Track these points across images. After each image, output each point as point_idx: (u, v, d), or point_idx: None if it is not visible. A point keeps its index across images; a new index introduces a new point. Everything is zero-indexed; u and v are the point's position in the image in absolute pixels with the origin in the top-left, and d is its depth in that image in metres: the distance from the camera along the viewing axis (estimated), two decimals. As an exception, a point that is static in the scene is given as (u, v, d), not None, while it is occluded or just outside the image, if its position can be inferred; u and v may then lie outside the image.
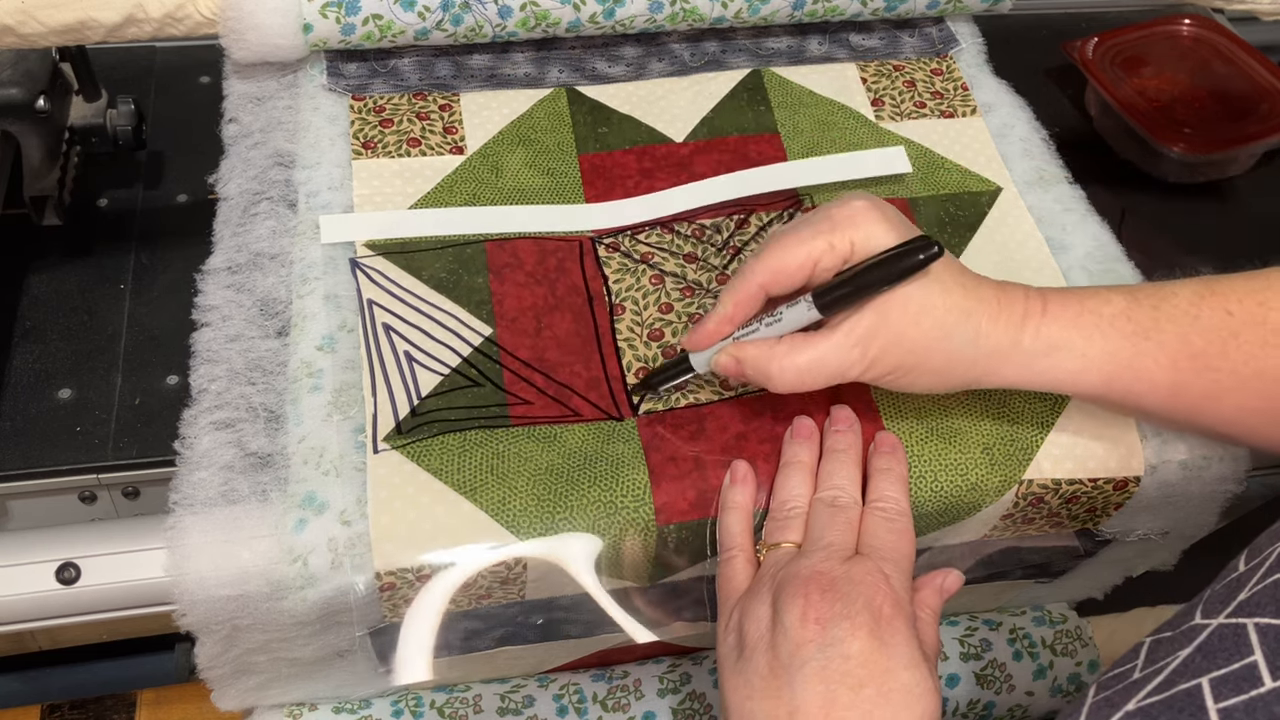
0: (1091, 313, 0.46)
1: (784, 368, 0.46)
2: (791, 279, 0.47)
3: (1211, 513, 0.57)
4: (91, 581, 0.48)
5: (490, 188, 0.60)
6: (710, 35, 0.68)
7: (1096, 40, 0.81)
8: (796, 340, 0.47)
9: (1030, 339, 0.46)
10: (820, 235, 0.46)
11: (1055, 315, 0.46)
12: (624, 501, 0.48)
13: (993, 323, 0.46)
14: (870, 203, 0.47)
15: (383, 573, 0.46)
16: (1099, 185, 0.65)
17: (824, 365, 0.46)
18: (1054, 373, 0.47)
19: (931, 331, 0.45)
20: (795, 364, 0.46)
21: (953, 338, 0.46)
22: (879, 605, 0.43)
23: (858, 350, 0.46)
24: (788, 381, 0.47)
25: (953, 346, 0.46)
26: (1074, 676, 0.67)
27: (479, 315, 0.54)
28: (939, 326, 0.45)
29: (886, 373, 0.47)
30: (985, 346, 0.46)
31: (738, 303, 0.48)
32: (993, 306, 0.46)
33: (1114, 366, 0.46)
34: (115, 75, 0.79)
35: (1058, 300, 0.47)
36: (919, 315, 0.45)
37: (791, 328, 0.47)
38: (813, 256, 0.46)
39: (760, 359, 0.47)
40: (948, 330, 0.46)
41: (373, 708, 0.60)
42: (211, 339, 0.52)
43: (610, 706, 0.62)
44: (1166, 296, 0.46)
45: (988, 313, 0.46)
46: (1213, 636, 0.31)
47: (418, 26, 0.60)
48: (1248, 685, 0.29)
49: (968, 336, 0.46)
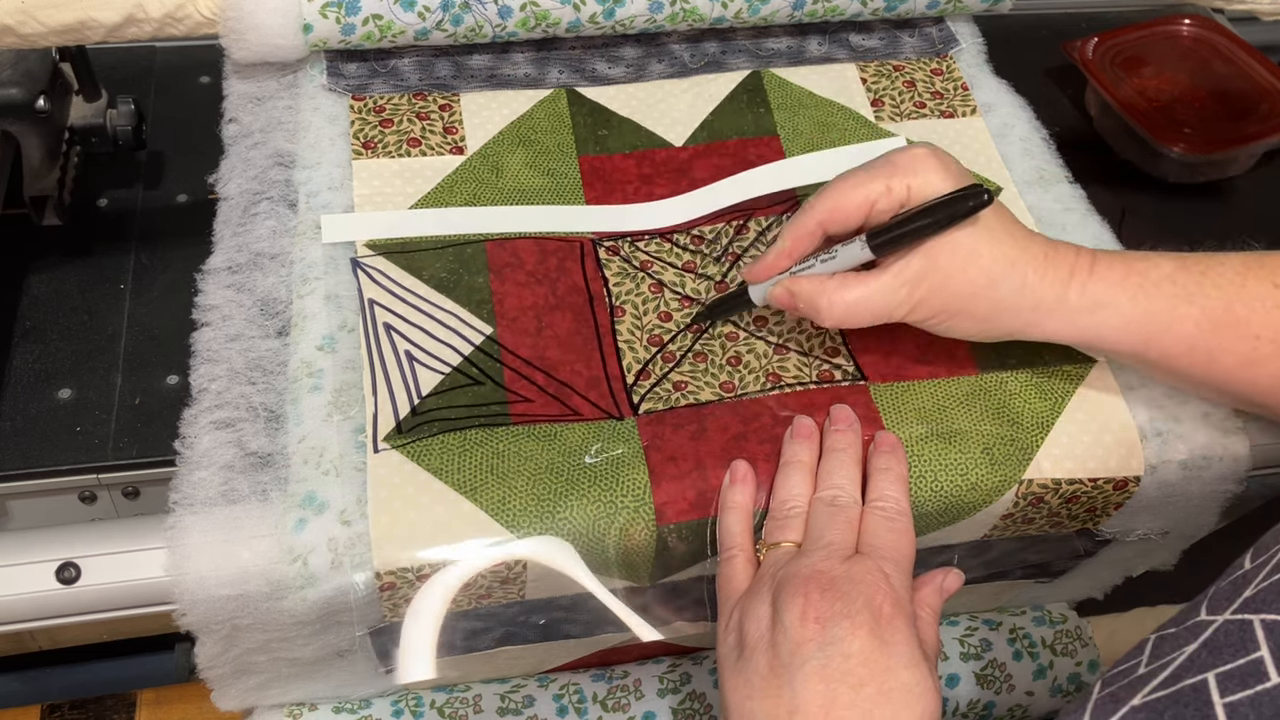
0: (1138, 274, 0.48)
1: (833, 302, 0.48)
2: (849, 219, 0.49)
3: (1211, 513, 0.57)
4: (91, 581, 0.48)
5: (490, 188, 0.60)
6: (710, 36, 0.68)
7: (1096, 40, 0.82)
8: (848, 278, 0.49)
9: (1076, 295, 0.47)
10: (879, 178, 0.48)
11: (1102, 274, 0.48)
12: (624, 501, 0.48)
13: (1040, 276, 0.47)
14: (931, 150, 0.49)
15: (383, 572, 0.46)
16: (1099, 185, 0.65)
17: (871, 303, 0.48)
18: (1097, 330, 0.48)
19: (977, 278, 0.47)
20: (844, 299, 0.48)
21: (998, 286, 0.47)
22: (879, 604, 0.43)
23: (905, 291, 0.48)
24: (836, 316, 0.49)
25: (998, 295, 0.47)
26: (1074, 676, 0.68)
27: (479, 314, 0.54)
28: (985, 274, 0.47)
29: (930, 315, 0.49)
30: (1031, 298, 0.48)
31: (796, 238, 0.50)
32: (1040, 260, 0.48)
33: (1154, 328, 0.47)
34: (115, 75, 0.79)
35: (1106, 260, 0.48)
36: (966, 262, 0.47)
37: (845, 266, 0.49)
38: (870, 198, 0.48)
39: (812, 293, 0.49)
40: (994, 278, 0.47)
41: (373, 708, 0.60)
42: (212, 339, 0.52)
43: (610, 706, 0.62)
44: (1214, 265, 0.48)
45: (1035, 265, 0.47)
46: (1218, 632, 0.32)
47: (418, 26, 0.60)
48: (1254, 680, 0.29)
49: (1014, 286, 0.47)
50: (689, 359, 0.54)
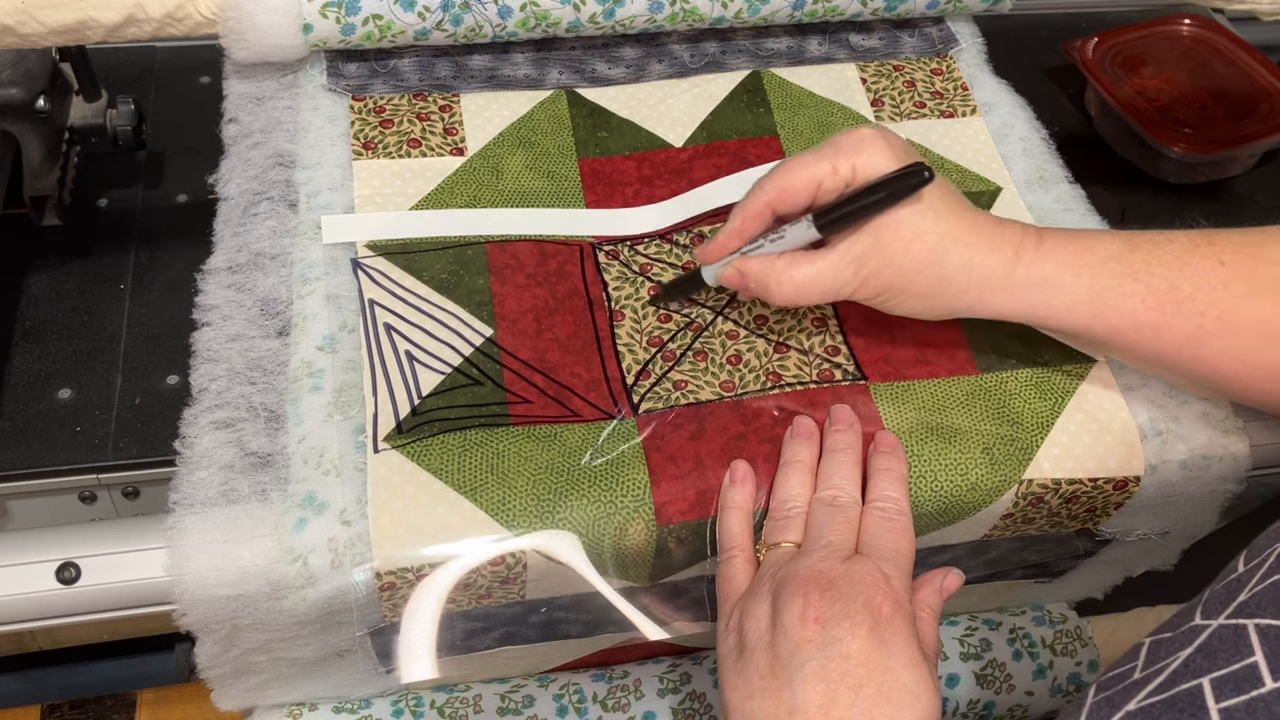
0: (1085, 251, 0.48)
1: (781, 281, 0.49)
2: (796, 198, 0.49)
3: (1211, 513, 0.57)
4: (91, 581, 0.48)
5: (491, 190, 0.60)
6: (710, 36, 0.68)
7: (1096, 40, 0.82)
8: (796, 257, 0.49)
9: (1023, 272, 0.48)
10: (824, 159, 0.49)
11: (1050, 252, 0.48)
12: (624, 501, 0.48)
13: (985, 253, 0.48)
14: (876, 131, 0.49)
15: (383, 572, 0.46)
16: (1099, 185, 0.66)
17: (819, 280, 0.49)
18: (1042, 307, 0.48)
19: (922, 256, 0.48)
20: (793, 278, 0.49)
21: (943, 263, 0.48)
22: (878, 605, 0.43)
23: (851, 269, 0.48)
24: (785, 294, 0.49)
25: (943, 271, 0.48)
26: (1074, 676, 0.68)
27: (480, 316, 0.54)
28: (929, 251, 0.47)
29: (877, 293, 0.49)
30: (977, 275, 0.48)
31: (745, 218, 0.50)
32: (987, 237, 0.48)
33: (1100, 305, 0.48)
34: (115, 75, 0.79)
35: (1053, 238, 0.49)
36: (911, 239, 0.47)
37: (793, 245, 0.50)
38: (816, 178, 0.49)
39: (761, 273, 0.50)
40: (938, 255, 0.48)
41: (373, 708, 0.60)
42: (212, 338, 0.52)
43: (610, 706, 0.62)
44: (1161, 243, 0.48)
45: (981, 243, 0.48)
46: (1213, 637, 0.31)
47: (418, 27, 0.60)
48: (1249, 685, 0.29)
49: (959, 263, 0.48)
50: (689, 358, 0.54)
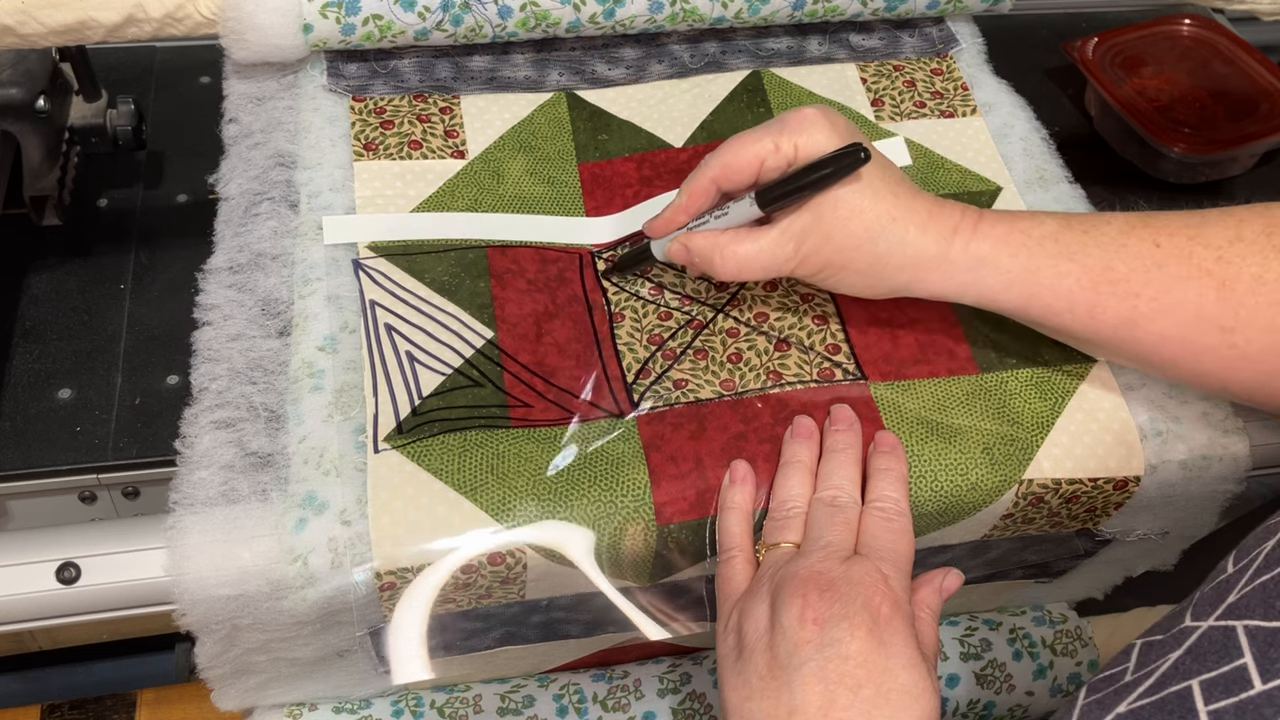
0: (1021, 232, 0.49)
1: (725, 256, 0.50)
2: (740, 175, 0.51)
3: (1211, 513, 0.57)
4: (91, 581, 0.48)
5: (491, 194, 0.60)
6: (710, 36, 0.68)
7: (1096, 40, 0.82)
8: (740, 233, 0.50)
9: (958, 252, 0.49)
10: (769, 136, 0.50)
11: (985, 232, 0.49)
12: (624, 501, 0.48)
13: (921, 232, 0.49)
14: (820, 111, 0.50)
15: (383, 572, 0.46)
16: (1099, 185, 0.66)
17: (760, 256, 0.50)
18: (978, 287, 0.49)
19: (858, 233, 0.48)
20: (736, 254, 0.50)
21: (878, 242, 0.48)
22: (877, 605, 0.43)
23: (791, 246, 0.49)
24: (728, 270, 0.51)
25: (879, 250, 0.49)
26: (1074, 676, 0.68)
27: (480, 319, 0.54)
28: (866, 229, 0.48)
29: (816, 270, 0.50)
30: (912, 253, 0.49)
31: (692, 194, 0.52)
32: (923, 216, 0.49)
33: (1035, 285, 0.48)
34: (115, 75, 0.79)
35: (991, 218, 0.49)
36: (848, 217, 0.48)
37: (737, 222, 0.51)
38: (759, 155, 0.50)
39: (706, 248, 0.51)
40: (874, 234, 0.48)
41: (373, 708, 0.60)
42: (212, 338, 0.52)
43: (610, 706, 0.62)
44: (1098, 224, 0.48)
45: (916, 222, 0.49)
46: (1203, 639, 0.31)
47: (418, 27, 0.60)
48: (1238, 688, 0.29)
49: (894, 241, 0.49)
50: (689, 356, 0.54)
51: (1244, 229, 0.46)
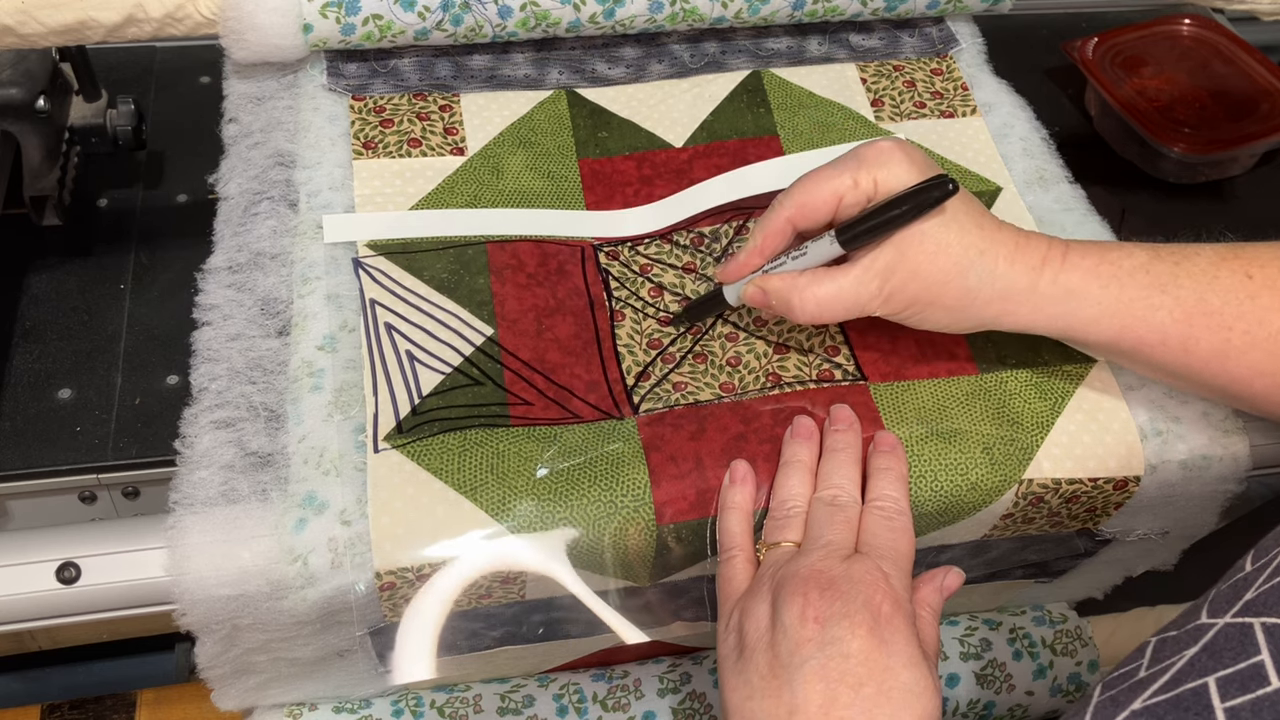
0: (1111, 264, 0.47)
1: (805, 299, 0.48)
2: (817, 214, 0.49)
3: (1211, 513, 0.57)
4: (91, 581, 0.48)
5: (491, 190, 0.60)
6: (710, 36, 0.68)
7: (1096, 40, 0.82)
8: (819, 273, 0.49)
9: (1048, 284, 0.47)
10: (846, 172, 0.48)
11: (1075, 263, 0.48)
12: (624, 501, 0.48)
13: (1010, 264, 0.47)
14: (896, 144, 0.49)
15: (383, 572, 0.46)
16: (1099, 185, 0.65)
17: (842, 297, 0.48)
18: (1069, 319, 0.48)
19: (947, 268, 0.47)
20: (815, 295, 0.48)
21: (967, 275, 0.47)
22: (878, 604, 0.43)
23: (875, 284, 0.48)
24: (809, 312, 0.49)
25: (968, 284, 0.47)
26: (1074, 676, 0.68)
27: (480, 316, 0.54)
28: (954, 263, 0.47)
29: (903, 307, 0.49)
30: (1000, 287, 0.47)
31: (767, 236, 0.50)
32: (1010, 248, 0.48)
33: (1128, 318, 0.47)
34: (115, 75, 0.79)
35: (1079, 249, 0.48)
36: (935, 252, 0.47)
37: (816, 262, 0.49)
38: (838, 192, 0.48)
39: (784, 290, 0.49)
40: (963, 268, 0.47)
41: (373, 708, 0.60)
42: (212, 338, 0.52)
43: (610, 706, 0.62)
44: (1188, 255, 0.47)
45: (1004, 253, 0.47)
46: (1219, 636, 0.31)
47: (418, 26, 0.60)
48: (1254, 684, 0.29)
49: (983, 275, 0.47)
50: (689, 360, 0.54)
51: None
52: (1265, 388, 0.47)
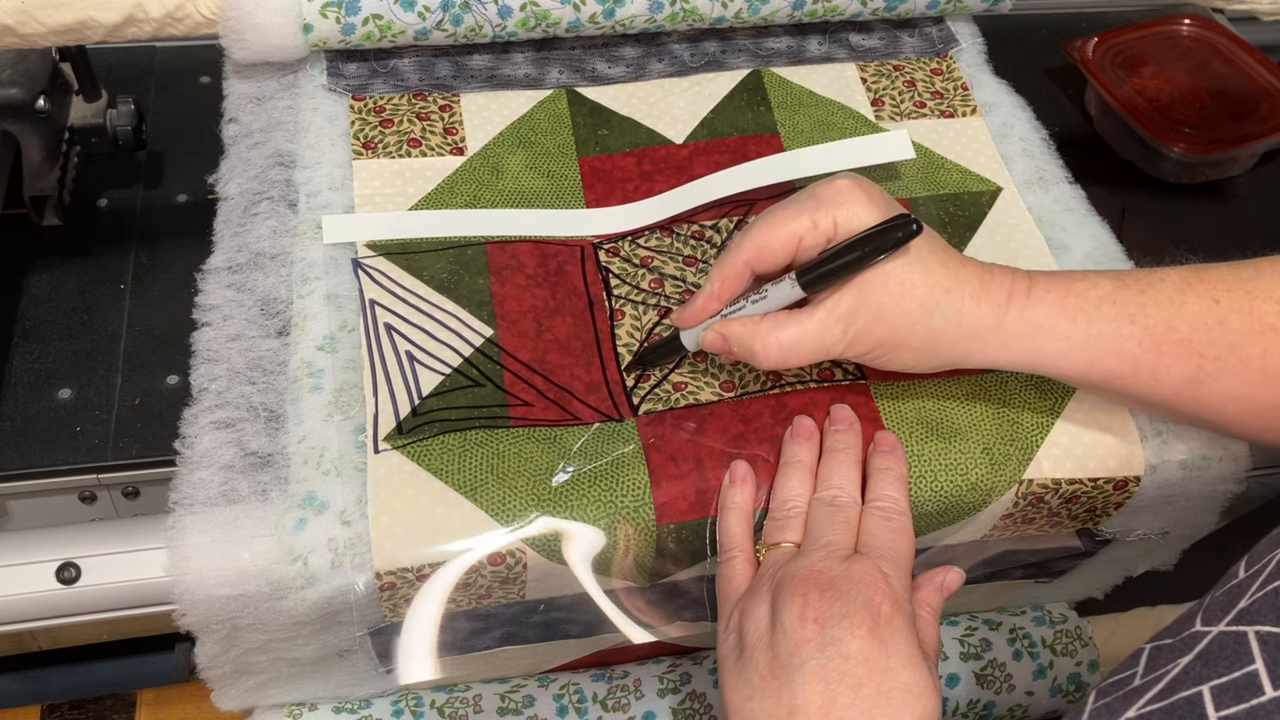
0: (1077, 295, 0.46)
1: (767, 344, 0.47)
2: (776, 256, 0.48)
3: (1211, 513, 0.57)
4: (91, 581, 0.48)
5: (491, 190, 0.60)
6: (710, 35, 0.68)
7: (1096, 40, 0.82)
8: (780, 317, 0.47)
9: (1014, 320, 0.46)
10: (804, 213, 0.47)
11: (1040, 297, 0.47)
12: (624, 501, 0.48)
13: (975, 302, 0.46)
14: (855, 182, 0.47)
15: (383, 572, 0.46)
16: (1099, 185, 0.65)
17: (806, 342, 0.47)
18: (1037, 354, 0.47)
19: (912, 309, 0.46)
20: (779, 340, 0.47)
21: (933, 315, 0.46)
22: (878, 604, 0.43)
23: (839, 327, 0.46)
24: (771, 358, 0.47)
25: (934, 324, 0.46)
26: (1074, 676, 0.68)
27: (480, 316, 0.54)
28: (920, 304, 0.46)
29: (868, 350, 0.47)
30: (967, 325, 0.46)
31: (725, 280, 0.49)
32: (975, 286, 0.46)
33: (1097, 350, 0.46)
34: (115, 75, 0.79)
35: (1044, 282, 0.47)
36: (899, 293, 0.46)
37: (776, 305, 0.48)
38: (796, 234, 0.47)
39: (745, 336, 0.48)
40: (928, 308, 0.46)
41: (373, 708, 0.60)
42: (212, 338, 0.52)
43: (610, 706, 0.62)
44: (1154, 282, 0.47)
45: (970, 291, 0.46)
46: (1213, 644, 0.31)
47: (418, 26, 0.60)
48: (1248, 694, 0.29)
49: (948, 315, 0.46)
50: (689, 359, 0.54)
51: None
52: (1238, 412, 0.46)
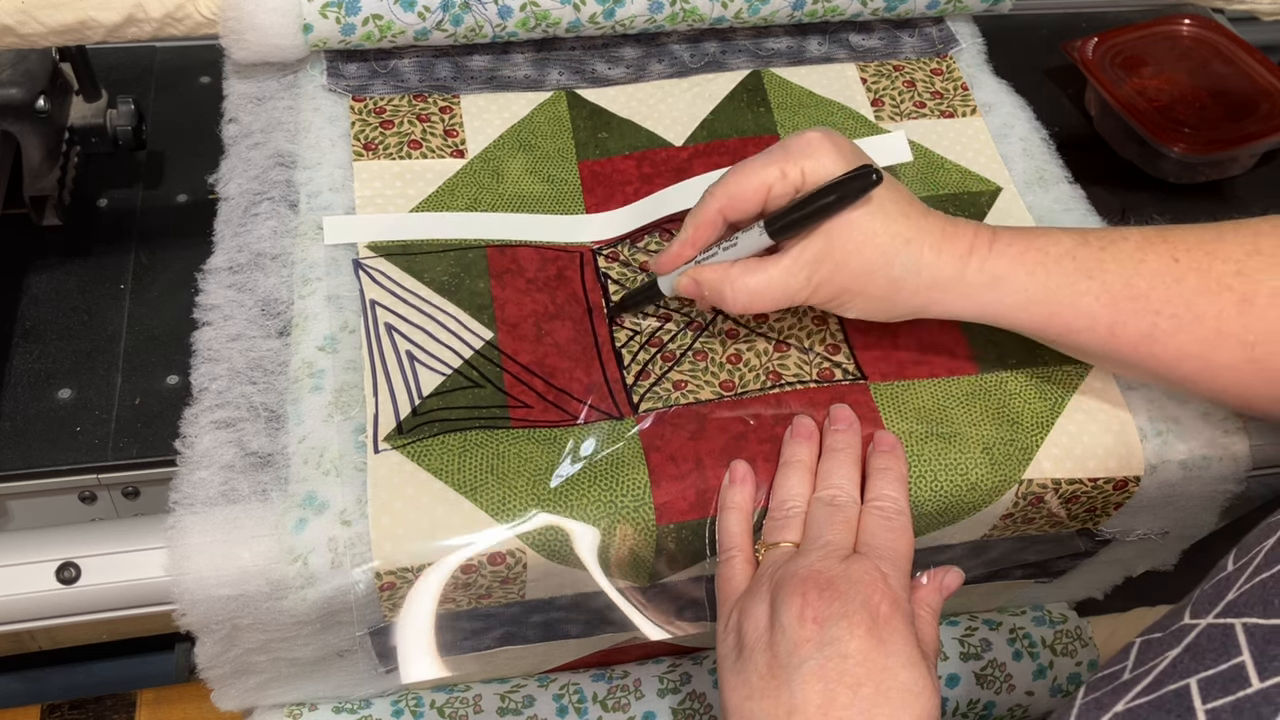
0: (1038, 250, 0.48)
1: (736, 289, 0.49)
2: (747, 205, 0.49)
3: (1211, 513, 0.57)
4: (91, 581, 0.48)
5: (491, 193, 0.60)
6: (710, 36, 0.68)
7: (1096, 40, 0.81)
8: (750, 264, 0.49)
9: (974, 271, 0.48)
10: (774, 163, 0.48)
11: (1001, 250, 0.48)
12: (624, 501, 0.48)
13: (936, 253, 0.48)
14: (824, 134, 0.49)
15: (383, 572, 0.46)
16: (1099, 185, 0.65)
17: (772, 287, 0.49)
18: (996, 306, 0.48)
19: (873, 258, 0.47)
20: (747, 285, 0.49)
21: (893, 265, 0.47)
22: (876, 604, 0.43)
23: (804, 274, 0.48)
24: (740, 302, 0.49)
25: (894, 274, 0.48)
26: (1074, 676, 0.68)
27: (480, 319, 0.54)
28: (881, 253, 0.47)
29: (831, 297, 0.49)
30: (927, 276, 0.48)
31: (698, 227, 0.50)
32: (936, 237, 0.48)
33: (1054, 304, 0.47)
34: (115, 75, 0.79)
35: (1006, 236, 0.48)
36: (862, 242, 0.47)
37: (746, 252, 0.50)
38: (766, 183, 0.49)
39: (715, 281, 0.50)
40: (889, 257, 0.47)
41: (373, 708, 0.60)
42: (212, 338, 0.52)
43: (610, 706, 0.62)
44: (1115, 240, 0.48)
45: (930, 242, 0.48)
46: (1201, 637, 0.31)
47: (418, 27, 0.60)
48: (1235, 686, 0.29)
49: (908, 264, 0.47)
50: (689, 358, 0.54)
51: (1262, 241, 0.46)
52: (1193, 370, 0.47)
